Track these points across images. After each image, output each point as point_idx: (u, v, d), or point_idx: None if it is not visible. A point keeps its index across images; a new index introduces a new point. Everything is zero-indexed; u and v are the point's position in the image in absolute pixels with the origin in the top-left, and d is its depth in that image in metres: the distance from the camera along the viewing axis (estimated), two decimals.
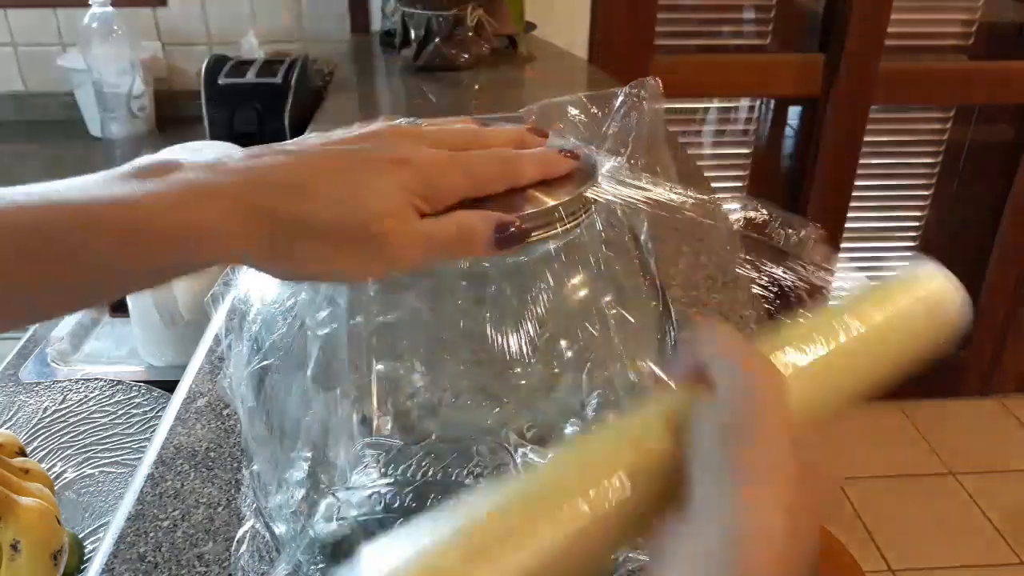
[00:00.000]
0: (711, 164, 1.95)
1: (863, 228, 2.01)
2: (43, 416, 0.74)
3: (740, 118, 1.96)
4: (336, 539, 0.38)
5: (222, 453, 0.56)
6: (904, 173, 1.99)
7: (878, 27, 1.73)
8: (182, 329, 0.83)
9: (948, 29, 1.86)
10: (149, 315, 0.83)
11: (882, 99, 1.82)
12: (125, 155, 1.47)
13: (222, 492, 0.52)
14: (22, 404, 0.75)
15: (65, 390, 0.76)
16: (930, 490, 1.89)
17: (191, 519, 0.51)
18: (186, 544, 0.49)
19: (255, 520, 0.42)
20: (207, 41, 1.61)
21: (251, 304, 0.39)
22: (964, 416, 2.11)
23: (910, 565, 1.69)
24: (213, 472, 0.54)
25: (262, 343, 0.38)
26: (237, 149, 1.13)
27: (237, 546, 0.42)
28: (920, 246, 2.04)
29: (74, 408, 0.75)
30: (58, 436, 0.72)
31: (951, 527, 1.79)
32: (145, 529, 0.50)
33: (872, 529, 1.77)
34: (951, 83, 1.87)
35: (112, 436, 0.72)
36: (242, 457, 0.49)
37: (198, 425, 0.58)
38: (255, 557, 0.43)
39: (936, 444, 2.01)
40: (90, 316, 0.98)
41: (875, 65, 1.77)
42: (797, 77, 1.81)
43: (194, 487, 0.53)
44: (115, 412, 0.74)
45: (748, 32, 1.87)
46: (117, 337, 0.95)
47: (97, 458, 0.70)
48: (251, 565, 0.42)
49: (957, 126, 1.93)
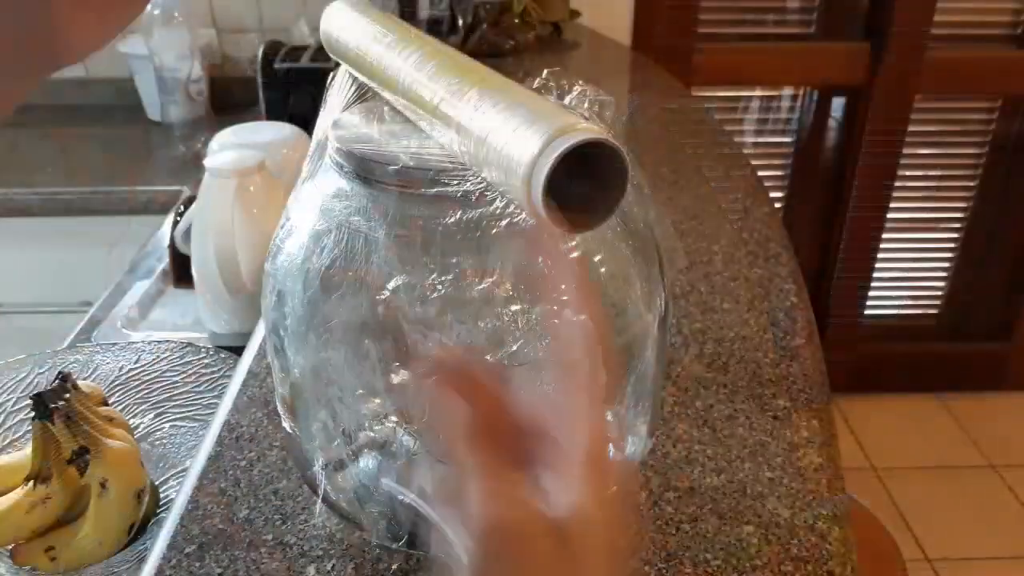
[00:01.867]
0: (753, 153, 1.96)
1: (906, 219, 2.00)
2: (120, 374, 0.79)
3: (783, 107, 1.97)
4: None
5: None
6: (949, 164, 1.97)
7: (925, 15, 1.73)
8: (245, 298, 0.88)
9: (996, 18, 1.84)
10: (214, 284, 0.87)
11: (928, 88, 1.82)
12: (184, 137, 1.53)
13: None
14: (100, 363, 0.80)
15: (139, 351, 0.82)
16: (969, 481, 1.89)
17: (266, 460, 0.55)
18: (262, 481, 0.53)
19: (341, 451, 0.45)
20: (259, 27, 1.67)
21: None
22: (1004, 409, 2.09)
23: (947, 555, 1.70)
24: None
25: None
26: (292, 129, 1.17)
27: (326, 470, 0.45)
28: (963, 238, 2.03)
29: (148, 367, 0.79)
30: (133, 392, 0.77)
31: (989, 518, 1.79)
32: (224, 468, 0.54)
33: (909, 519, 1.78)
34: (998, 73, 1.85)
35: (183, 393, 0.76)
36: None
37: (269, 379, 0.63)
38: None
39: (975, 436, 2.00)
40: (156, 287, 1.03)
41: (921, 54, 1.76)
42: (842, 66, 1.81)
43: (267, 432, 0.57)
44: (185, 372, 0.79)
45: (792, 20, 1.87)
46: (181, 307, 1.00)
47: (169, 413, 0.75)
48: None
49: (1004, 117, 1.91)
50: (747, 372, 0.64)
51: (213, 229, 0.83)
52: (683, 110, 1.25)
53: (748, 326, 0.70)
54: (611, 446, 0.32)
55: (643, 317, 0.44)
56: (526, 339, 0.39)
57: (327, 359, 0.41)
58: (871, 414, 2.06)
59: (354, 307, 0.40)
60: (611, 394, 0.37)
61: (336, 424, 0.42)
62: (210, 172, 0.85)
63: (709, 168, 1.03)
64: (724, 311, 0.72)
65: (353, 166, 0.40)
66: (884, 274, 2.05)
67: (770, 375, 0.64)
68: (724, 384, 0.63)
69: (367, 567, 0.47)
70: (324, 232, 0.41)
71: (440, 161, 0.39)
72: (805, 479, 0.54)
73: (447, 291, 0.39)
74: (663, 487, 0.53)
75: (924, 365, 2.12)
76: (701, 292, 0.74)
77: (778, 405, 0.60)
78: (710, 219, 0.89)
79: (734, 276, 0.77)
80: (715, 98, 1.91)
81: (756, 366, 0.65)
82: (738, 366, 0.64)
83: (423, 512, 0.34)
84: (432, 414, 0.32)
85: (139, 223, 1.28)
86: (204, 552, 0.48)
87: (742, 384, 0.63)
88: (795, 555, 0.48)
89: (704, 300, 0.73)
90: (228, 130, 1.04)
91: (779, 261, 0.80)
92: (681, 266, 0.77)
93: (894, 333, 2.15)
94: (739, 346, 0.67)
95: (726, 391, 0.62)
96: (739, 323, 0.70)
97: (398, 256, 0.38)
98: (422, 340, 0.39)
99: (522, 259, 0.40)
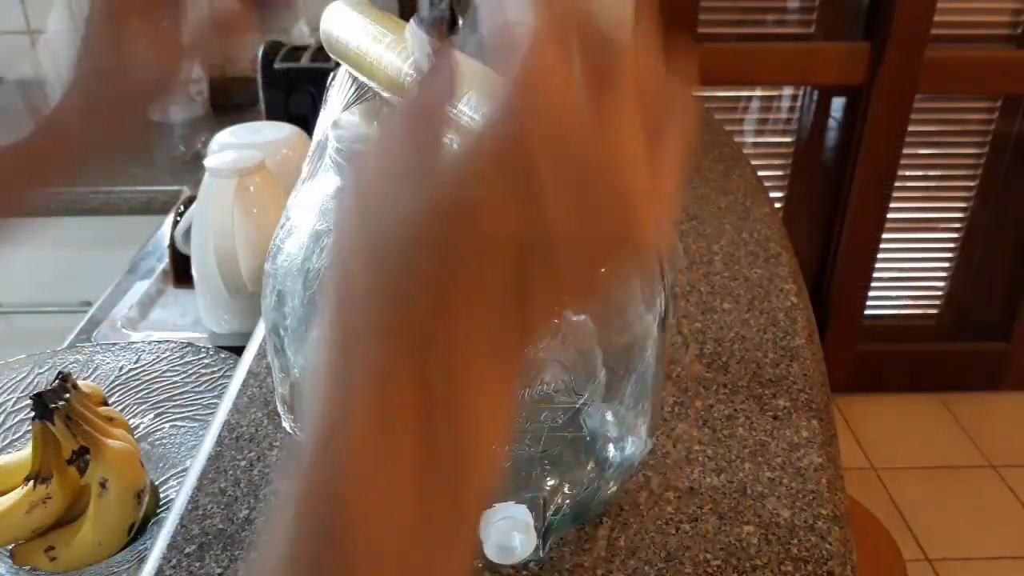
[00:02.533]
0: (753, 153, 1.96)
1: (906, 219, 2.00)
2: (119, 374, 0.79)
3: (783, 107, 1.97)
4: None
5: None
6: (949, 164, 1.97)
7: (925, 15, 1.73)
8: (245, 298, 0.88)
9: (996, 18, 1.84)
10: (214, 284, 0.87)
11: (928, 88, 1.82)
12: (184, 137, 1.54)
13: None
14: (100, 363, 0.80)
15: (139, 351, 0.82)
16: (969, 481, 1.89)
17: (266, 460, 0.55)
18: (262, 481, 0.53)
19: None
20: (259, 28, 1.67)
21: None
22: (1004, 409, 2.09)
23: (947, 555, 1.70)
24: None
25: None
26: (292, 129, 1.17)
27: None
28: (963, 238, 2.03)
29: (147, 367, 0.79)
30: (133, 392, 0.77)
31: (989, 518, 1.79)
32: (224, 468, 0.54)
33: (910, 519, 1.78)
34: (998, 73, 1.85)
35: (183, 393, 0.77)
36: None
37: (269, 378, 0.63)
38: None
39: (976, 436, 2.00)
40: (156, 287, 1.03)
41: (921, 54, 1.76)
42: (842, 65, 1.81)
43: (267, 432, 0.57)
44: (186, 372, 0.79)
45: (792, 20, 1.87)
46: (181, 307, 1.00)
47: (169, 413, 0.75)
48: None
49: (1004, 117, 1.91)
50: (747, 372, 0.64)
51: (213, 229, 0.83)
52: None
53: (748, 326, 0.70)
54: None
55: (643, 317, 0.44)
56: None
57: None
58: (871, 414, 2.06)
59: None
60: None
61: None
62: (210, 172, 0.85)
63: (709, 168, 1.03)
64: (724, 311, 0.72)
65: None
66: (884, 274, 2.05)
67: (770, 375, 0.64)
68: (724, 384, 0.63)
69: None
70: (324, 232, 0.41)
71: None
72: (805, 479, 0.54)
73: None
74: (663, 487, 0.53)
75: (924, 365, 2.12)
76: (701, 292, 0.74)
77: (778, 405, 0.60)
78: (710, 219, 0.89)
79: (734, 276, 0.77)
80: (715, 98, 1.91)
81: (756, 366, 0.65)
82: (738, 366, 0.64)
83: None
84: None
85: (139, 223, 1.28)
86: (204, 552, 0.48)
87: (742, 384, 0.63)
88: (795, 555, 0.48)
89: (704, 300, 0.73)
90: (228, 130, 1.04)
91: (779, 261, 0.80)
92: (681, 266, 0.77)
93: (894, 333, 2.15)
94: (739, 346, 0.67)
95: (726, 391, 0.62)
96: (739, 323, 0.70)
97: None
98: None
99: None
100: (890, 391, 2.12)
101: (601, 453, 0.47)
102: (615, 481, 0.48)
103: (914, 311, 2.15)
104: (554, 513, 0.44)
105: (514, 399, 0.26)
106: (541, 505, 0.43)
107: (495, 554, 0.42)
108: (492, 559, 0.42)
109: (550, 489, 0.44)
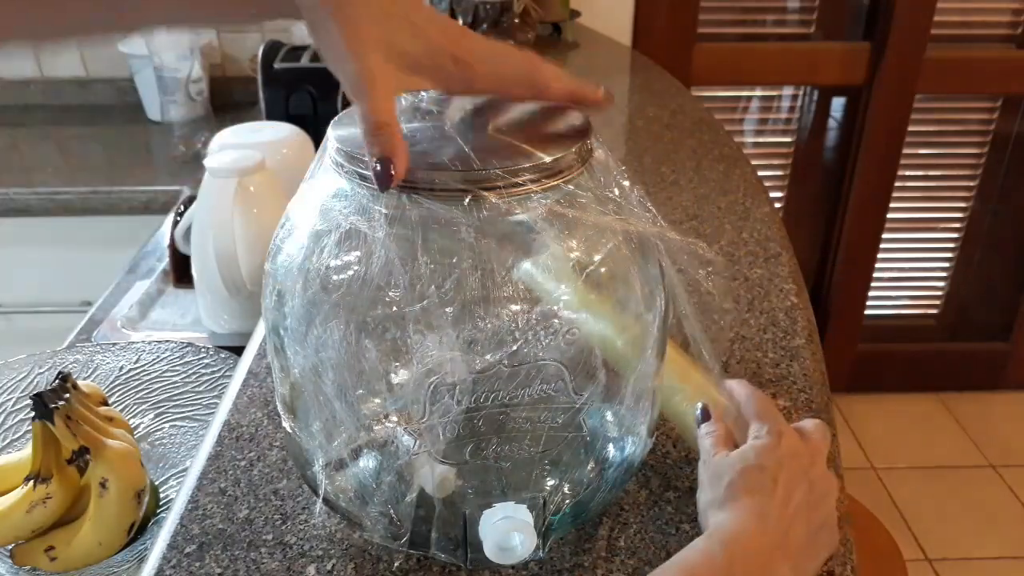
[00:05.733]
0: (753, 152, 1.96)
1: (906, 219, 2.00)
2: (119, 374, 0.79)
3: (783, 107, 1.97)
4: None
5: None
6: (949, 164, 1.98)
7: (925, 15, 1.73)
8: (246, 299, 0.88)
9: (996, 18, 1.84)
10: (214, 284, 0.87)
11: (927, 88, 1.82)
12: (183, 138, 1.53)
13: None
14: (100, 363, 0.80)
15: (139, 351, 0.82)
16: (969, 481, 1.89)
17: (266, 460, 0.55)
18: (262, 481, 0.53)
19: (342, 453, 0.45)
20: (259, 27, 1.67)
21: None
22: (1004, 409, 2.09)
23: (947, 555, 1.70)
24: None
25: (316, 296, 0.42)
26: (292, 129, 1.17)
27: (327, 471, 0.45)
28: (963, 238, 2.03)
29: (147, 367, 0.79)
30: (133, 392, 0.77)
31: (989, 518, 1.79)
32: (224, 468, 0.54)
33: (910, 519, 1.78)
34: (998, 73, 1.86)
35: (183, 393, 0.77)
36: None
37: (269, 378, 0.63)
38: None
39: (976, 436, 2.00)
40: (156, 287, 1.03)
41: (921, 54, 1.76)
42: (842, 65, 1.82)
43: (267, 432, 0.57)
44: (185, 372, 0.79)
45: (792, 20, 1.87)
46: (181, 307, 1.00)
47: (169, 413, 0.75)
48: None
49: (1004, 117, 1.91)
50: (747, 372, 0.64)
51: (213, 229, 0.83)
52: (683, 110, 1.25)
53: (748, 326, 0.70)
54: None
55: (643, 317, 0.44)
56: (526, 339, 0.40)
57: (327, 359, 0.41)
58: (871, 414, 2.06)
59: (354, 307, 0.40)
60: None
61: (336, 424, 0.42)
62: (210, 172, 0.85)
63: (709, 168, 1.03)
64: (724, 311, 0.71)
65: (353, 166, 0.40)
66: (884, 274, 2.05)
67: (770, 375, 0.64)
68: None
69: (367, 567, 0.47)
70: (324, 232, 0.41)
71: (439, 161, 0.39)
72: None
73: (447, 291, 0.39)
74: (663, 487, 0.53)
75: (924, 365, 2.12)
76: (701, 292, 0.74)
77: (778, 405, 0.60)
78: (710, 219, 0.89)
79: (734, 276, 0.77)
80: (715, 98, 1.91)
81: (756, 366, 0.65)
82: (738, 366, 0.64)
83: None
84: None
85: (139, 223, 1.28)
86: (204, 552, 0.48)
87: None
88: None
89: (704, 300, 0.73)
90: (228, 130, 1.04)
91: (779, 261, 0.80)
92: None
93: (894, 333, 2.15)
94: (739, 346, 0.67)
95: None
96: (739, 323, 0.70)
97: (398, 256, 0.38)
98: (422, 340, 0.39)
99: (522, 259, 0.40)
100: (890, 391, 2.12)
101: (601, 453, 0.47)
102: (615, 481, 0.48)
103: (914, 311, 2.15)
104: (554, 513, 0.44)
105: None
106: (541, 505, 0.43)
107: (495, 554, 0.42)
108: (492, 559, 0.42)
109: (550, 489, 0.44)
